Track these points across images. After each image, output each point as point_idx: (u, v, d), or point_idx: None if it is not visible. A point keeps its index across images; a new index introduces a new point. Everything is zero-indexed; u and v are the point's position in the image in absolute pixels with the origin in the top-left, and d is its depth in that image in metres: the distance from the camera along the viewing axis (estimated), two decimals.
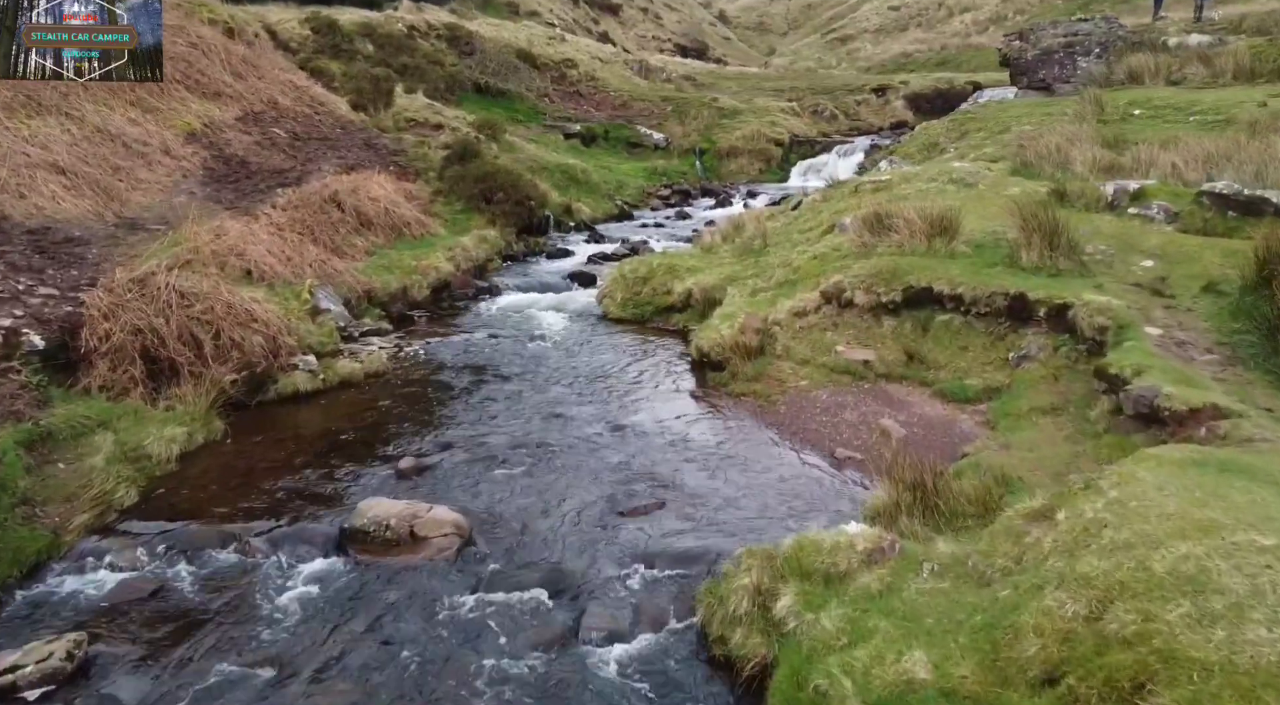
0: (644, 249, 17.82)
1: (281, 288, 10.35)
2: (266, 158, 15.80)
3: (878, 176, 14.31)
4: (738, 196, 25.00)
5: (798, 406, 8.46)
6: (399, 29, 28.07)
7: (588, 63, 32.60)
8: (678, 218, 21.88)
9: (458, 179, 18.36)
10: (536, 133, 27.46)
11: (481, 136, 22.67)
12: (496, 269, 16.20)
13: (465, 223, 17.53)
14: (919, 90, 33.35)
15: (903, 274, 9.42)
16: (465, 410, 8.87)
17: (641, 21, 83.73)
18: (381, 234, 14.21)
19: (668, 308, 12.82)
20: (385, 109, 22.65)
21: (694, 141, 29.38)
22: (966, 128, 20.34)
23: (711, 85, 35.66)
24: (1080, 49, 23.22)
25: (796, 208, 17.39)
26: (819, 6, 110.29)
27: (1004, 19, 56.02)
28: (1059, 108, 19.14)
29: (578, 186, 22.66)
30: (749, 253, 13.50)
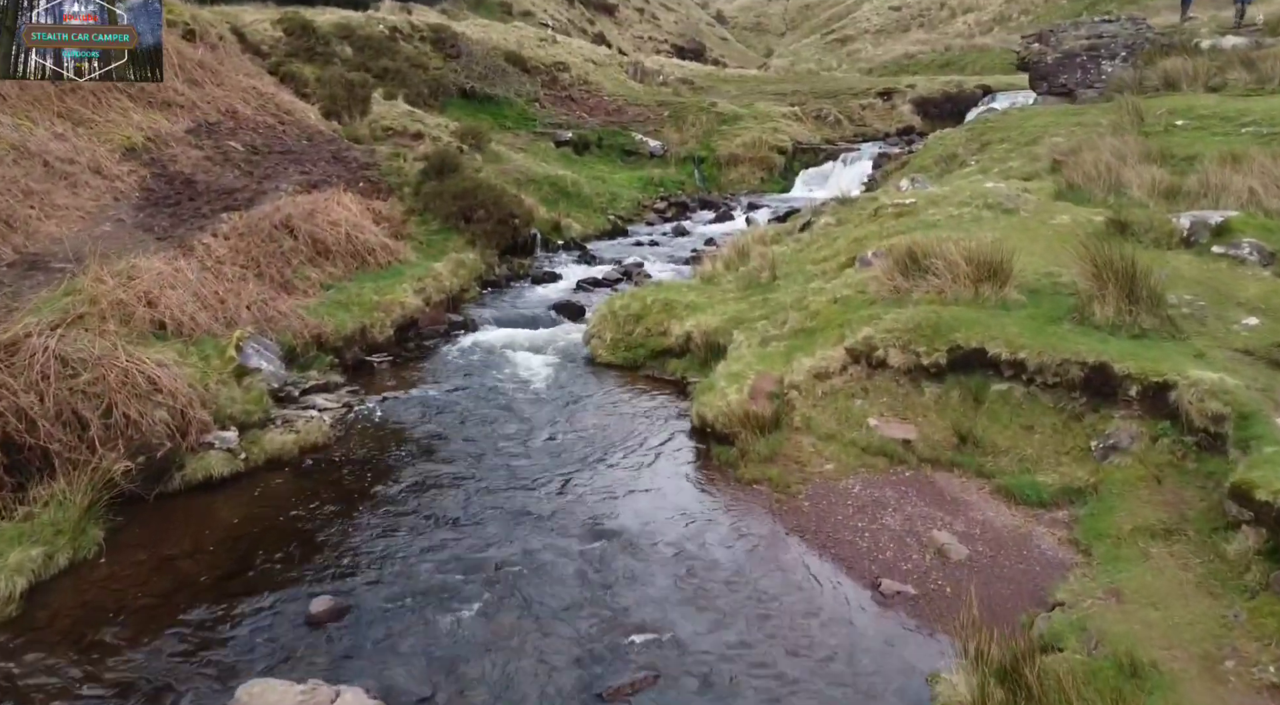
0: (638, 273, 16.11)
1: (203, 343, 8.61)
2: (217, 176, 14.05)
3: (900, 198, 12.61)
4: (739, 209, 23.27)
5: (825, 502, 6.75)
6: (380, 31, 26.30)
7: (580, 65, 30.84)
8: (675, 234, 20.15)
9: (434, 196, 16.62)
10: (526, 141, 25.71)
11: (464, 147, 20.94)
12: (474, 298, 14.46)
13: (441, 244, 15.79)
14: (926, 94, 31.62)
15: (947, 330, 7.71)
16: (412, 506, 7.15)
17: (638, 22, 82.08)
18: (341, 264, 12.47)
19: (663, 351, 11.10)
20: (360, 117, 20.91)
21: (692, 149, 27.63)
22: (987, 138, 18.63)
23: (710, 88, 33.90)
24: (1105, 52, 21.52)
25: (805, 228, 15.74)
26: (817, 7, 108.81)
27: (1008, 19, 54.34)
28: (1089, 117, 17.42)
29: (567, 200, 20.93)
30: (755, 286, 11.78)
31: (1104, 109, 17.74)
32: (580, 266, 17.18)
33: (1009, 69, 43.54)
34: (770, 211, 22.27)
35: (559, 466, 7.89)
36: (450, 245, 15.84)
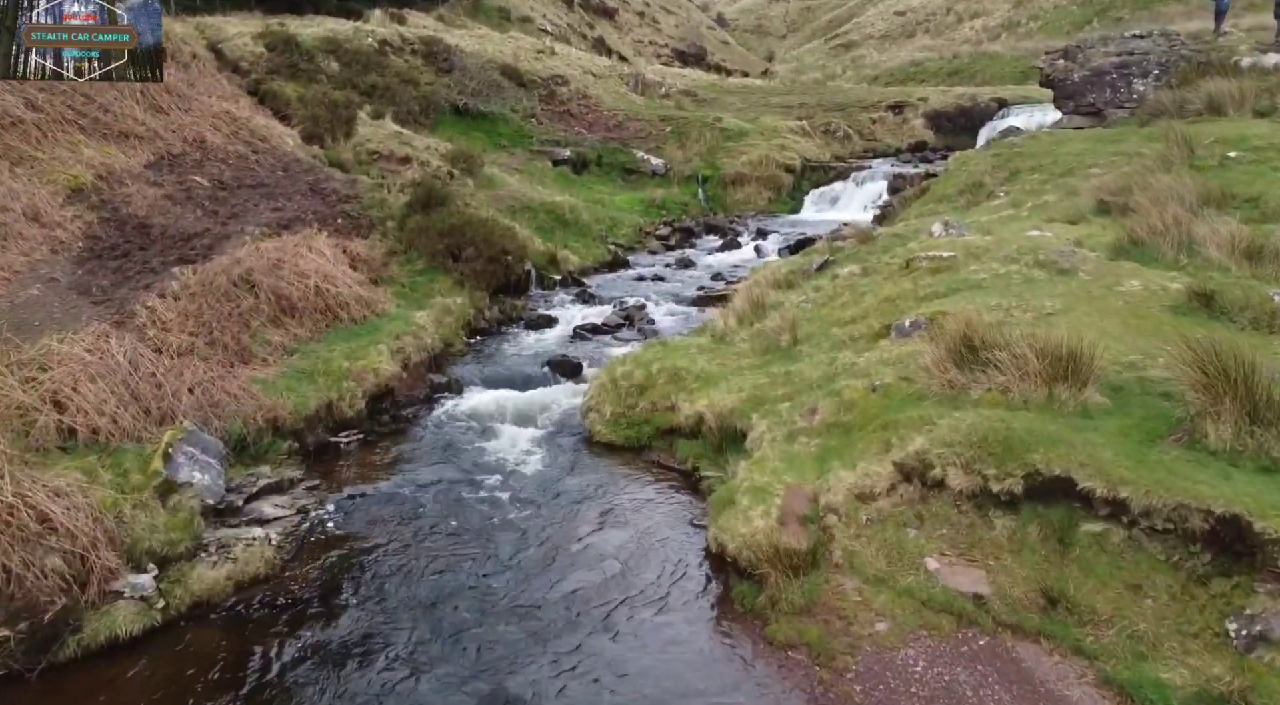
0: (640, 317, 14.65)
1: (122, 454, 7.15)
2: (176, 217, 12.59)
3: (935, 248, 11.13)
4: (746, 235, 21.80)
5: (880, 688, 5.30)
6: (369, 44, 24.83)
7: (579, 78, 29.36)
8: (679, 266, 18.67)
9: (420, 232, 15.17)
10: (522, 160, 24.25)
11: (454, 172, 19.49)
12: (460, 352, 12.99)
13: (426, 286, 14.35)
14: (940, 108, 30.14)
15: (1020, 448, 6.24)
16: (356, 682, 5.70)
17: (638, 26, 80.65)
18: (309, 322, 11.00)
19: (671, 430, 9.65)
20: (344, 140, 19.47)
21: (696, 167, 26.16)
22: (1016, 165, 17.15)
23: (714, 101, 32.43)
24: (1136, 69, 20.06)
25: (823, 269, 14.32)
26: (818, 9, 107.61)
27: (1016, 25, 52.88)
28: (1129, 145, 15.95)
29: (565, 229, 19.47)
30: (774, 351, 10.33)
31: (1143, 136, 16.27)
32: (578, 306, 15.73)
33: (1020, 78, 42.11)
34: (780, 239, 20.81)
35: (544, 606, 6.43)
36: (436, 287, 14.40)
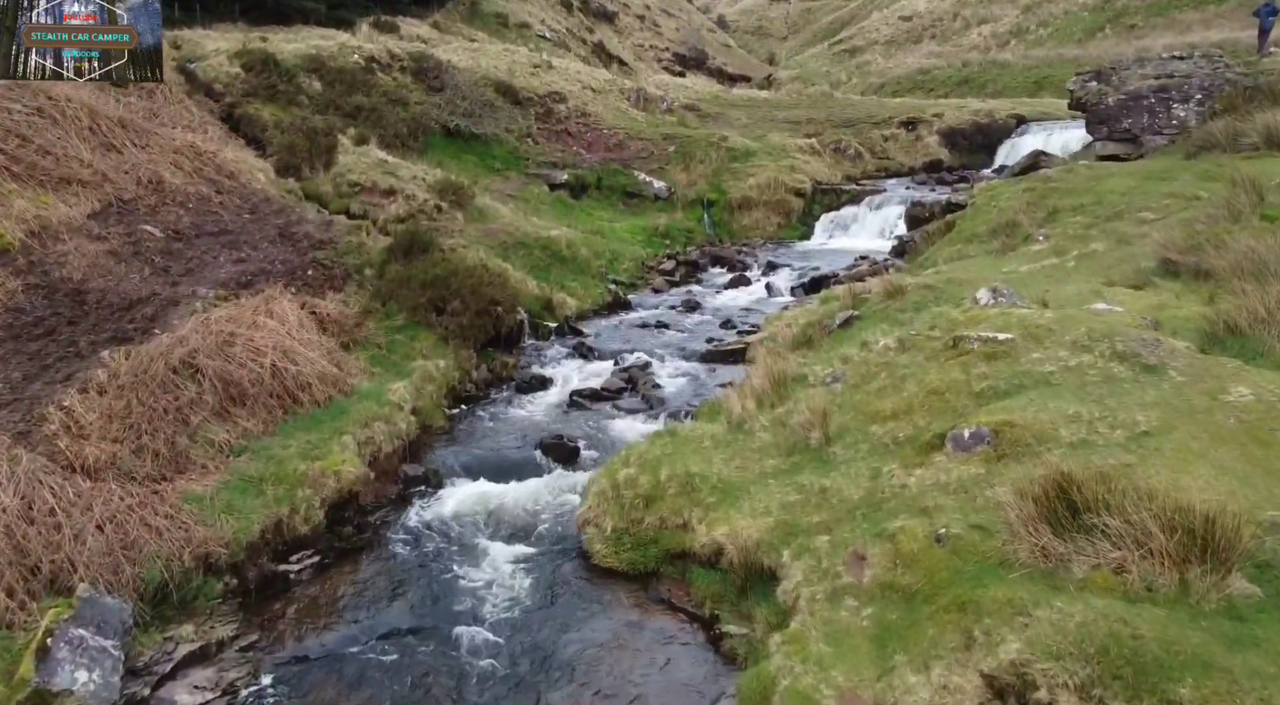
0: (644, 379, 13.04)
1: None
2: (118, 279, 10.99)
3: (986, 326, 9.51)
4: (755, 268, 20.22)
5: None
6: (354, 62, 23.20)
7: (578, 94, 27.73)
8: (685, 309, 17.07)
9: (401, 283, 13.58)
10: (516, 185, 22.65)
11: (443, 204, 17.89)
12: (441, 430, 11.40)
13: (407, 346, 12.77)
14: (955, 125, 28.52)
15: (1156, 671, 4.66)
16: None
17: (638, 30, 79.02)
18: (261, 412, 9.40)
19: (684, 552, 8.08)
20: (324, 170, 17.87)
21: (701, 191, 24.55)
22: (1053, 203, 15.56)
23: (718, 116, 30.82)
24: (1176, 94, 18.46)
25: (847, 325, 12.81)
26: (819, 10, 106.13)
27: (1025, 32, 51.27)
28: (1181, 184, 14.38)
29: (562, 266, 17.87)
30: (803, 451, 8.74)
31: (1196, 174, 14.68)
32: (575, 362, 14.14)
33: (1034, 89, 40.50)
34: (792, 274, 19.22)
35: None
36: (417, 346, 12.82)
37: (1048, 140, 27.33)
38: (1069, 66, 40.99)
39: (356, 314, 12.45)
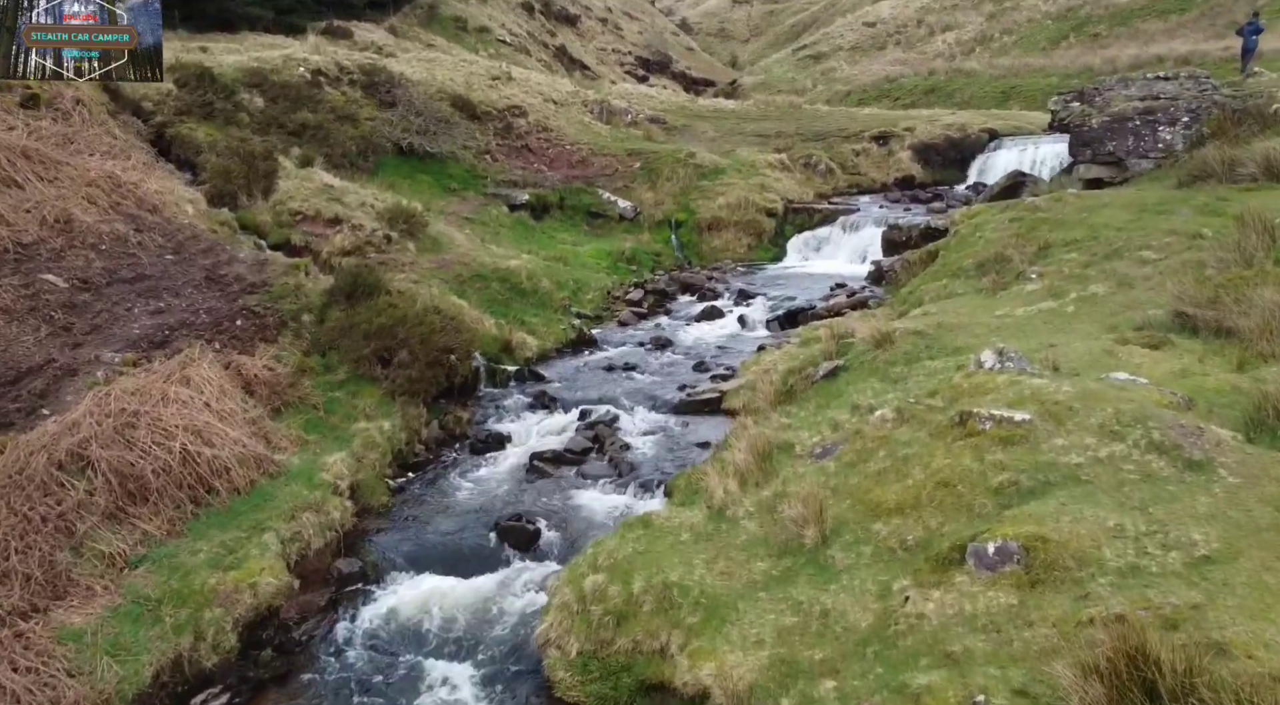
0: (610, 436, 11.79)
1: None
2: (6, 343, 9.52)
3: (997, 403, 8.38)
4: (727, 295, 19.05)
5: None
6: (300, 76, 21.66)
7: (539, 107, 26.37)
8: (654, 346, 15.83)
9: (343, 332, 12.21)
10: (474, 206, 21.28)
11: (393, 233, 16.50)
12: (384, 507, 10.07)
13: (348, 405, 11.42)
14: (928, 139, 27.60)
15: None
16: None
17: (601, 33, 77.77)
18: (168, 508, 8.03)
19: (662, 685, 6.86)
20: (263, 197, 16.39)
21: (668, 211, 23.34)
22: (1043, 236, 14.55)
23: (685, 129, 29.64)
24: (1163, 117, 17.60)
25: (833, 377, 11.76)
26: (781, 13, 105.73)
27: (990, 39, 50.76)
28: (1180, 218, 13.45)
29: (522, 300, 16.57)
30: (796, 552, 7.58)
31: (1196, 208, 13.75)
32: (536, 416, 12.85)
33: (1001, 99, 39.81)
34: (766, 305, 18.07)
35: None
36: (360, 405, 11.48)
37: (1022, 156, 26.51)
38: (1036, 76, 40.45)
39: (290, 373, 11.07)
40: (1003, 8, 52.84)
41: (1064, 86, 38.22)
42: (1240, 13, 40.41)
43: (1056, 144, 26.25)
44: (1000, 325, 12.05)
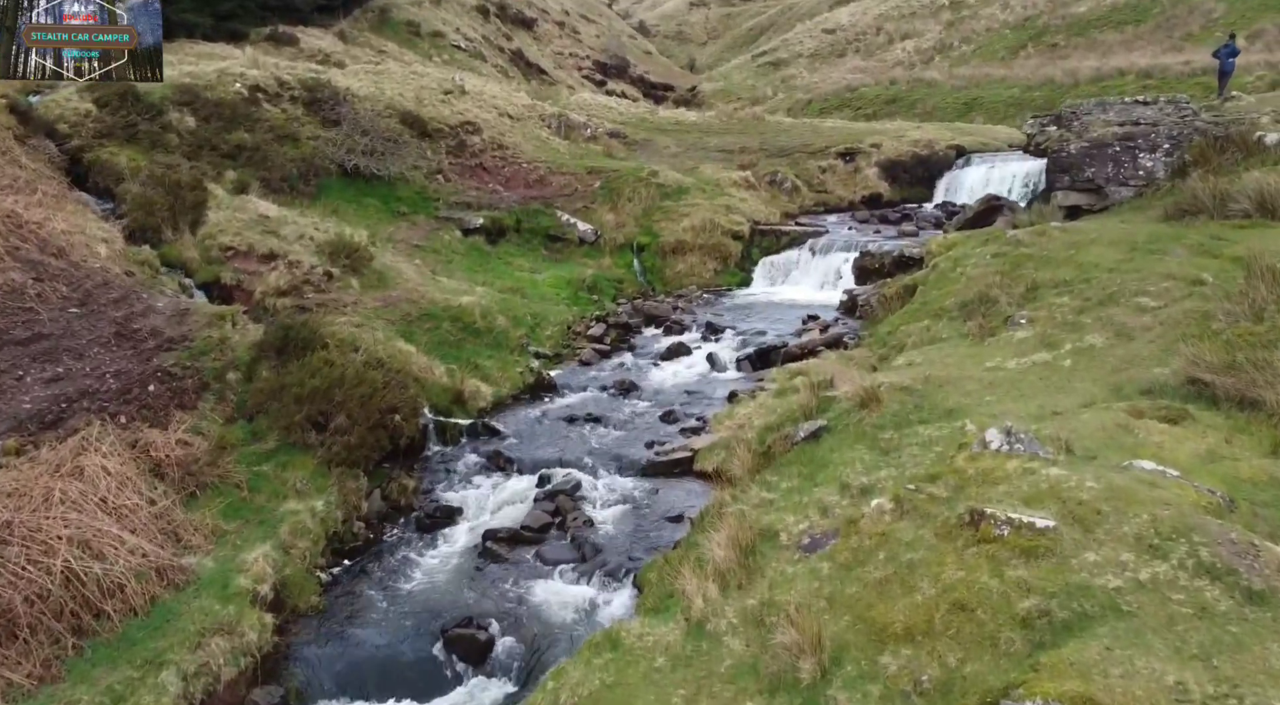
0: (573, 512, 10.61)
1: None
2: None
3: (1008, 496, 7.32)
4: (694, 328, 17.92)
5: None
6: (236, 92, 20.09)
7: (494, 123, 24.99)
8: (618, 392, 14.63)
9: (272, 394, 10.86)
10: (425, 231, 19.92)
11: (335, 270, 15.12)
12: (314, 609, 8.76)
13: (277, 480, 10.09)
14: (894, 156, 26.73)
15: None
16: None
17: (558, 37, 76.34)
18: (42, 644, 6.67)
19: None
20: (190, 231, 14.93)
21: (630, 234, 22.16)
22: (1029, 274, 13.63)
23: (646, 143, 28.46)
24: (1143, 143, 16.83)
25: (814, 439, 10.84)
26: (738, 16, 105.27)
27: (949, 48, 50.32)
28: (1176, 260, 12.61)
29: (476, 341, 15.29)
30: (791, 688, 6.46)
31: (1191, 248, 12.91)
32: (490, 480, 11.63)
33: (963, 111, 39.23)
34: (735, 339, 16.99)
35: None
36: (291, 478, 10.17)
37: (990, 173, 25.77)
38: (997, 87, 39.95)
39: (209, 449, 9.70)
40: (960, 16, 52.47)
41: (1026, 99, 37.82)
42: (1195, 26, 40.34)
43: (1025, 162, 25.57)
44: (993, 380, 11.08)
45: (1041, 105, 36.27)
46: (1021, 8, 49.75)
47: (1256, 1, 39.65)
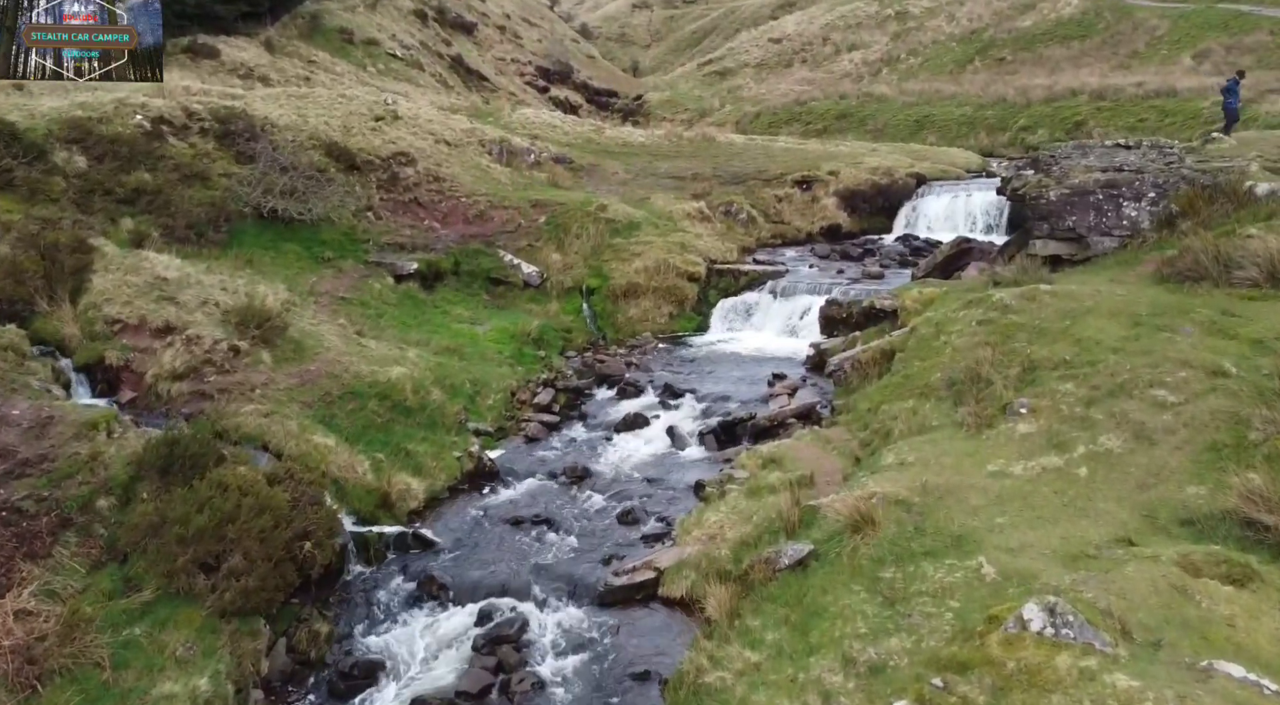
0: (517, 667, 8.82)
1: None
2: None
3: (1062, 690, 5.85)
4: (650, 390, 16.20)
5: None
6: (136, 125, 17.75)
7: (430, 152, 22.89)
8: (570, 480, 12.82)
9: (152, 529, 8.87)
10: (352, 281, 17.85)
11: (244, 343, 13.07)
12: None
13: (151, 650, 8.19)
14: (853, 186, 25.33)
15: None
16: None
17: (499, 41, 73.92)
18: None
19: None
20: (70, 301, 12.78)
21: (579, 276, 20.36)
22: (1024, 350, 12.18)
23: (593, 168, 26.64)
24: (1127, 191, 15.61)
25: (801, 569, 9.42)
26: (681, 19, 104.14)
27: (896, 60, 49.42)
28: (1191, 342, 11.23)
29: (407, 420, 13.37)
30: None
31: (1201, 325, 11.55)
32: (421, 615, 9.83)
33: (915, 129, 38.15)
34: (697, 407, 15.37)
35: None
36: (172, 642, 8.30)
37: (953, 204, 24.63)
38: (949, 105, 38.97)
39: (60, 623, 7.67)
40: (907, 28, 51.61)
41: (978, 118, 36.87)
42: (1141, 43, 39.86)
43: (987, 192, 24.47)
44: (1000, 492, 9.58)
45: (994, 125, 35.43)
46: (967, 20, 49.07)
47: (1199, 20, 39.34)
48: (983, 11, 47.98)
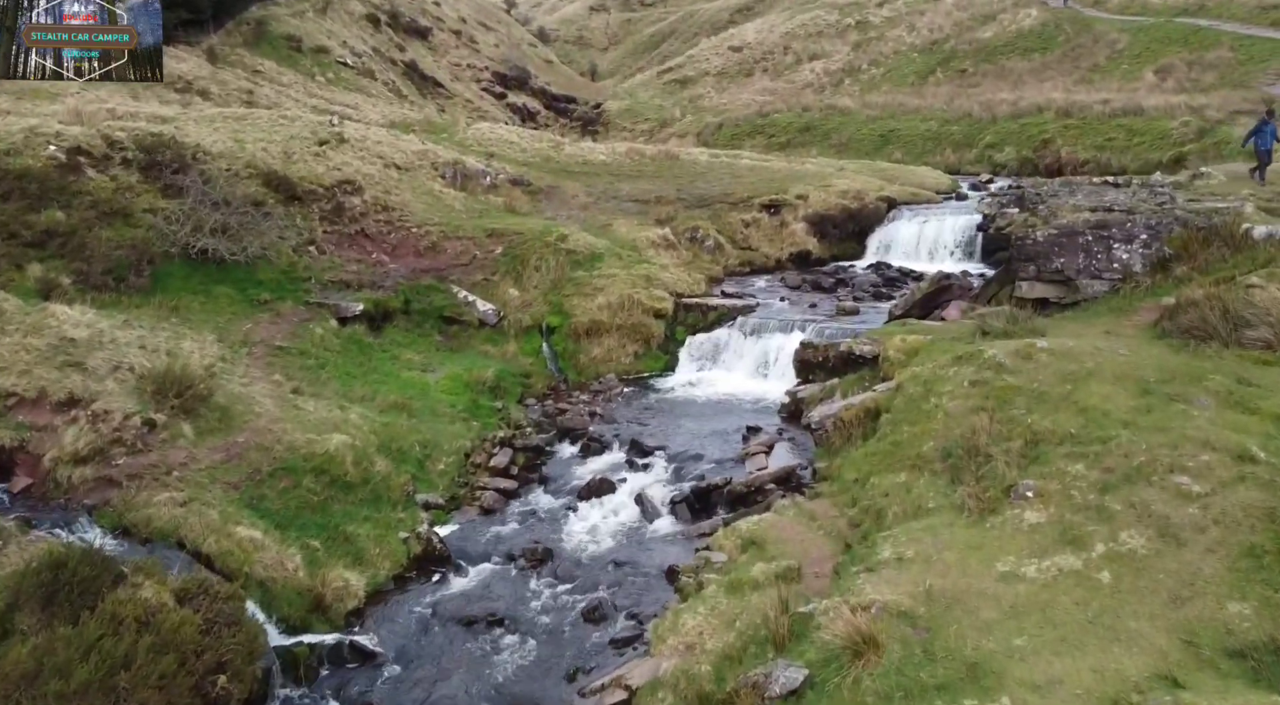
0: None
1: None
2: None
3: None
4: (617, 446, 14.91)
5: None
6: (49, 157, 15.99)
7: (379, 178, 21.31)
8: (530, 564, 11.46)
9: (25, 680, 7.34)
10: (291, 326, 16.26)
11: (162, 415, 11.52)
12: None
13: None
14: (823, 210, 24.21)
15: None
16: None
17: (455, 47, 71.89)
18: None
19: None
20: None
21: (539, 313, 18.98)
22: (1026, 421, 11.05)
23: (552, 191, 25.22)
24: (1118, 233, 14.67)
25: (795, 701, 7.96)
26: (639, 22, 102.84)
27: (858, 70, 48.62)
28: (1203, 417, 10.22)
29: (347, 497, 11.92)
30: None
31: (1218, 396, 10.59)
32: None
33: (880, 144, 37.25)
34: (667, 468, 14.10)
35: None
36: None
37: (924, 229, 23.67)
38: (914, 119, 38.16)
39: None
40: (868, 37, 50.85)
41: (944, 133, 36.09)
42: (1101, 57, 39.40)
43: (959, 216, 23.63)
44: (1015, 602, 8.45)
45: (960, 141, 34.67)
46: (928, 30, 48.42)
47: (1159, 34, 39.01)
48: (943, 22, 47.34)
